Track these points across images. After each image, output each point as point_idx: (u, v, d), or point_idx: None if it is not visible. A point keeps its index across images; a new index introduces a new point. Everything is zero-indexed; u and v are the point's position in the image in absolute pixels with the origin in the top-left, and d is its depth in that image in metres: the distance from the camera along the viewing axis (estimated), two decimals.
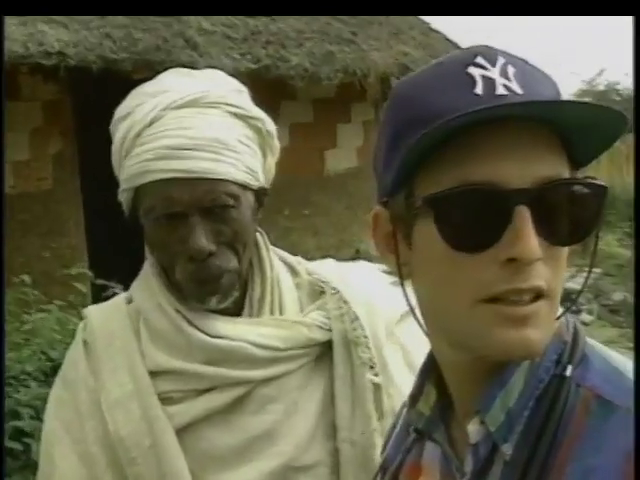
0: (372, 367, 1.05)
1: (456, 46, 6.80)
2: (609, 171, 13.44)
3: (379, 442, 1.00)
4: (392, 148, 0.65)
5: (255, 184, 1.03)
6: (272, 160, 1.09)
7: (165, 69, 3.72)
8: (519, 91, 0.61)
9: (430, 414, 0.72)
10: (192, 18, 4.53)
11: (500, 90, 0.61)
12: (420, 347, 1.11)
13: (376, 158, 0.69)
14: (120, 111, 1.05)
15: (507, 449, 0.62)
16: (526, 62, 0.65)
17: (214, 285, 1.00)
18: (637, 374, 0.62)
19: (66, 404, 1.05)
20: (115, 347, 1.04)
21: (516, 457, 0.62)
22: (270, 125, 1.06)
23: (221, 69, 4.10)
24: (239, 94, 1.06)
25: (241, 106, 1.03)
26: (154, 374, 1.03)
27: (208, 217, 0.98)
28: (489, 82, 0.61)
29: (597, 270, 8.88)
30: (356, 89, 5.28)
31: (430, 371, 0.72)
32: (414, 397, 0.73)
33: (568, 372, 0.63)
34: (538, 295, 0.60)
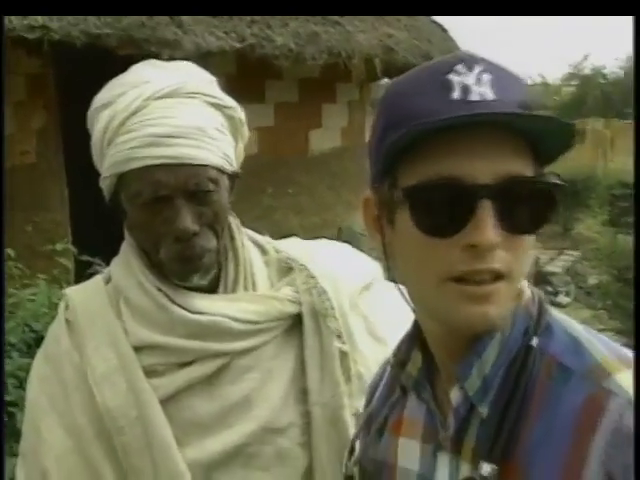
0: (339, 336, 1.13)
1: (442, 28, 6.81)
2: (592, 155, 13.50)
3: (347, 403, 1.11)
4: (380, 141, 0.74)
5: (229, 168, 1.10)
6: (242, 145, 1.16)
7: (150, 46, 3.72)
8: (490, 97, 0.69)
9: (417, 375, 0.81)
10: None
11: (473, 96, 0.69)
12: (380, 316, 1.19)
13: (369, 147, 0.78)
14: (99, 100, 1.10)
15: (483, 409, 0.73)
16: (502, 69, 0.73)
17: (197, 263, 1.06)
18: (637, 374, 0.69)
19: (50, 379, 1.10)
20: (97, 325, 1.09)
21: (491, 416, 0.72)
22: (241, 113, 1.14)
23: (206, 47, 4.07)
24: (212, 84, 1.13)
25: (216, 96, 1.10)
26: (138, 349, 1.08)
27: (192, 200, 1.04)
28: (465, 88, 0.70)
29: (576, 253, 9.01)
30: (341, 69, 5.29)
31: (416, 338, 0.82)
32: (402, 361, 0.83)
33: (534, 342, 0.73)
34: (498, 276, 0.70)
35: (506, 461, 0.70)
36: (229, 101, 1.11)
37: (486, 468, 0.70)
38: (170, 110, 1.04)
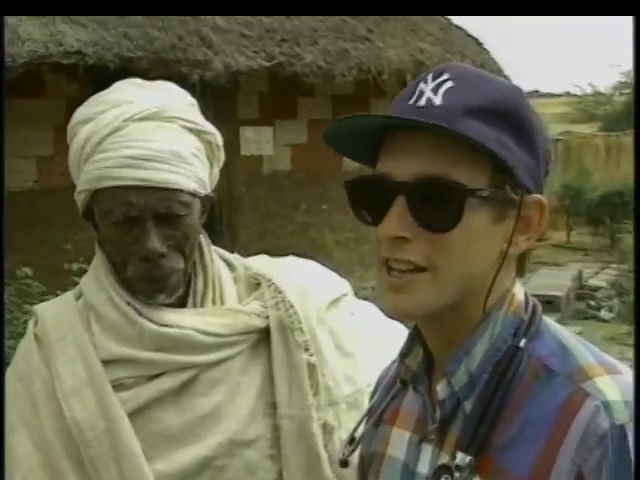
0: (307, 349, 1.14)
1: (476, 42, 6.76)
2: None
3: (315, 415, 1.12)
4: None
5: (203, 192, 1.12)
6: (217, 170, 1.19)
7: (180, 67, 3.81)
8: (437, 103, 0.75)
9: (416, 369, 0.84)
10: (208, 17, 4.59)
11: (421, 102, 0.76)
12: (347, 331, 1.19)
13: None
14: (80, 115, 1.13)
15: (467, 405, 0.77)
16: (472, 78, 0.77)
17: (163, 283, 1.09)
18: (637, 373, 0.72)
19: (20, 395, 1.11)
20: (67, 340, 1.11)
21: (474, 411, 0.76)
22: (219, 139, 1.16)
23: (235, 66, 4.14)
24: (192, 108, 1.16)
25: (195, 121, 1.12)
26: (106, 363, 1.10)
27: (162, 222, 1.07)
28: (419, 95, 0.76)
29: (623, 266, 8.74)
30: (373, 85, 5.30)
31: (419, 333, 0.84)
32: (403, 354, 0.86)
33: (522, 344, 0.76)
34: (417, 269, 0.75)
35: (482, 454, 0.73)
36: (208, 127, 1.14)
37: (462, 458, 0.73)
38: (148, 133, 1.07)
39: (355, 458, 0.92)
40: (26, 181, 4.81)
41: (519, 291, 0.81)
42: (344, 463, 0.90)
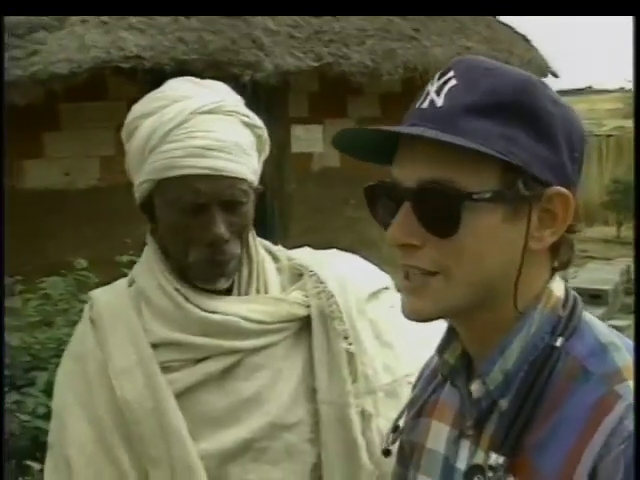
0: (346, 337, 1.14)
1: (524, 38, 6.61)
2: None
3: (353, 402, 1.12)
4: None
5: (256, 184, 1.15)
6: (262, 164, 1.20)
7: (233, 68, 3.86)
8: (439, 104, 0.72)
9: (454, 363, 0.82)
10: (259, 19, 4.63)
11: (424, 104, 0.74)
12: (386, 322, 1.18)
13: None
14: (139, 110, 1.14)
15: (503, 403, 0.74)
16: (478, 73, 0.73)
17: (225, 268, 1.11)
18: (637, 373, 0.70)
19: (75, 375, 1.14)
20: (119, 324, 1.14)
21: (509, 409, 0.73)
22: (266, 133, 1.18)
23: (285, 67, 4.18)
24: (242, 104, 1.17)
25: (249, 116, 1.15)
26: (155, 346, 1.12)
27: (226, 209, 1.09)
28: (425, 96, 0.74)
29: None
30: (421, 84, 5.25)
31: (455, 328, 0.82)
32: (441, 349, 0.84)
33: (558, 343, 0.73)
34: (429, 272, 0.73)
35: (516, 453, 0.71)
36: (259, 121, 1.16)
37: (495, 458, 0.71)
38: (212, 125, 1.08)
39: (395, 447, 0.90)
40: (90, 179, 4.94)
41: (558, 287, 0.77)
42: (387, 452, 0.89)
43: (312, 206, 5.61)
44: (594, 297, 6.60)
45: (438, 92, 0.73)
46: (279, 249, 1.25)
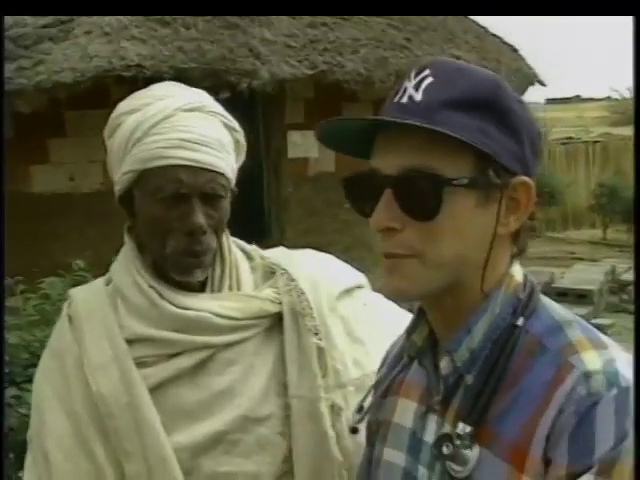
0: (316, 333, 1.13)
1: (512, 48, 6.60)
2: None
3: (323, 396, 1.11)
4: None
5: (232, 183, 1.14)
6: (238, 167, 1.19)
7: (230, 76, 3.86)
8: (418, 99, 0.75)
9: (421, 344, 0.85)
10: (257, 30, 4.62)
11: (403, 99, 0.76)
12: (358, 319, 1.16)
13: None
14: (124, 107, 1.13)
15: (469, 379, 0.77)
16: (452, 72, 0.77)
17: (201, 259, 1.10)
18: (637, 371, 0.71)
19: (53, 370, 1.13)
20: (96, 321, 1.13)
21: (474, 384, 0.76)
22: (243, 138, 1.17)
23: (280, 75, 4.17)
24: (223, 109, 1.16)
25: (229, 119, 1.14)
26: (130, 342, 1.11)
27: (205, 202, 1.08)
28: (403, 92, 0.77)
29: None
30: None
31: (424, 311, 0.85)
32: (409, 330, 0.86)
33: (519, 322, 0.77)
34: (406, 255, 0.75)
35: (481, 424, 0.74)
36: (237, 125, 1.16)
37: (462, 427, 0.74)
38: (195, 121, 1.08)
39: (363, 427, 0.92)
40: (94, 183, 4.94)
41: (517, 272, 0.81)
42: (354, 430, 0.91)
43: (308, 209, 5.59)
44: (580, 297, 6.57)
45: (416, 88, 0.75)
46: (253, 248, 1.24)
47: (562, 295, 6.33)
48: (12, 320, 2.66)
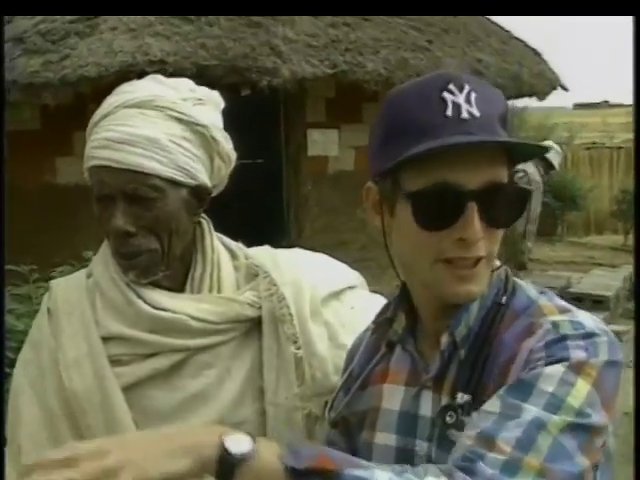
0: (295, 342, 1.08)
1: (535, 52, 6.44)
2: None
3: (300, 405, 1.08)
4: (382, 146, 0.82)
5: (189, 182, 1.05)
6: (221, 163, 1.10)
7: (251, 74, 3.80)
8: (477, 114, 0.78)
9: (402, 333, 0.90)
10: (279, 28, 4.56)
11: (464, 115, 0.78)
12: (344, 323, 1.10)
13: (370, 145, 0.86)
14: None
15: (462, 353, 0.83)
16: (483, 86, 0.81)
17: (132, 261, 1.05)
18: (637, 371, 0.77)
19: (31, 363, 1.10)
20: (73, 315, 1.09)
21: (467, 357, 0.83)
22: (215, 132, 1.08)
23: (301, 74, 4.10)
24: (196, 103, 1.07)
25: (186, 113, 1.05)
26: (106, 339, 1.07)
27: (132, 203, 1.02)
28: (456, 107, 0.78)
29: None
30: None
31: (402, 303, 0.91)
32: (390, 320, 0.91)
33: (503, 300, 0.85)
34: (479, 259, 0.81)
35: (479, 392, 0.79)
36: (202, 119, 1.06)
37: (462, 397, 0.80)
38: (131, 118, 1.03)
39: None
40: None
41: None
42: (334, 424, 0.95)
43: (326, 207, 5.52)
44: (596, 302, 6.40)
45: (469, 103, 0.78)
46: (239, 247, 1.18)
47: (578, 300, 6.15)
48: (23, 308, 2.65)
